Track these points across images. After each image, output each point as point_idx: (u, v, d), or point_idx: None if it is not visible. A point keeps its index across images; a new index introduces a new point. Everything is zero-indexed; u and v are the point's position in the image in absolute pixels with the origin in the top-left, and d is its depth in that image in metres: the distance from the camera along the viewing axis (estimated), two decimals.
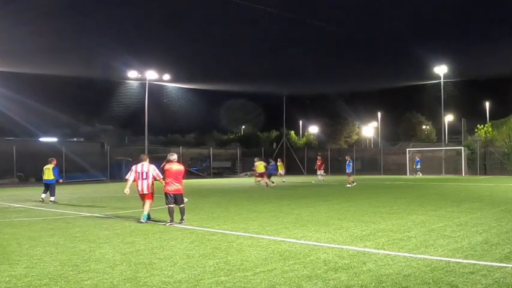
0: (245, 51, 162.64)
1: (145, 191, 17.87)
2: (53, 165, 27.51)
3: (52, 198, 26.60)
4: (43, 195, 27.24)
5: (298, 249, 11.82)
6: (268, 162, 43.99)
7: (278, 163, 48.95)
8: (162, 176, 17.53)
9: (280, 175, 49.19)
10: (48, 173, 27.16)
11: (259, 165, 41.47)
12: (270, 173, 42.68)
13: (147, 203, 17.85)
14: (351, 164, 40.93)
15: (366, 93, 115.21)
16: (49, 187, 27.13)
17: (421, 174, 61.51)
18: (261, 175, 40.89)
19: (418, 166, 61.98)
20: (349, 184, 38.88)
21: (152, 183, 17.99)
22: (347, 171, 40.38)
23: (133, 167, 18.29)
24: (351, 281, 8.80)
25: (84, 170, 55.90)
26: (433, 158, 68.35)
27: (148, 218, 17.64)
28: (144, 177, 17.92)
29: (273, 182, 40.71)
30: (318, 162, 50.85)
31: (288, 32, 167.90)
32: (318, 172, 50.46)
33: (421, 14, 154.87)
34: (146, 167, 18.03)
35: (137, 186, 18.10)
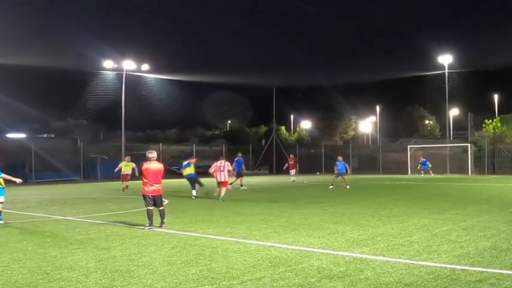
0: (231, 40, 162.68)
1: (223, 180, 28.06)
2: (188, 161, 31.31)
3: (194, 192, 29.82)
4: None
5: (289, 255, 11.84)
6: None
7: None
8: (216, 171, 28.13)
9: None
10: (189, 169, 30.64)
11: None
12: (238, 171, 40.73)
13: (224, 189, 28.02)
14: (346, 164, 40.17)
15: (364, 84, 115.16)
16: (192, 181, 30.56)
17: (423, 173, 61.35)
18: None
19: (429, 165, 61.71)
20: (331, 185, 38.49)
21: (228, 174, 28.52)
22: (343, 171, 39.57)
23: (215, 163, 28.62)
24: None
25: (55, 168, 55.64)
26: (436, 156, 68.42)
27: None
28: (222, 169, 28.08)
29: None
30: (291, 162, 50.51)
31: (278, 18, 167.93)
32: (291, 172, 49.99)
33: None
34: (223, 163, 28.24)
35: (216, 176, 28.19)
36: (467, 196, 28.61)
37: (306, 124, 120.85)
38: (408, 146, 69.69)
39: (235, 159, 40.49)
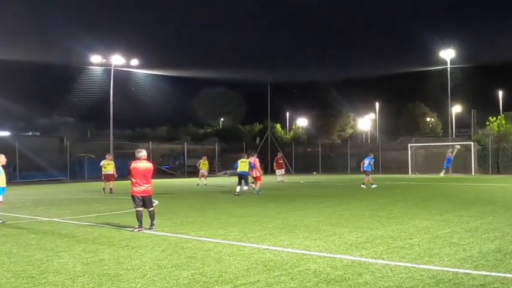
0: (224, 33, 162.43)
1: (256, 175, 33.05)
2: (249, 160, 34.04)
3: (245, 187, 32.68)
4: (238, 188, 32.11)
5: (285, 258, 11.85)
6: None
7: (202, 161, 46.13)
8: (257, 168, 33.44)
9: (203, 176, 45.18)
10: (245, 165, 32.87)
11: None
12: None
13: (258, 183, 32.96)
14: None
15: (362, 80, 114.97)
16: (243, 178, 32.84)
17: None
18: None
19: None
20: (372, 184, 38.17)
21: (258, 170, 33.30)
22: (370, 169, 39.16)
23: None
24: None
25: (40, 168, 55.67)
26: (438, 155, 68.21)
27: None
28: (252, 166, 32.82)
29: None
30: (279, 160, 50.05)
31: (273, 11, 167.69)
32: (278, 172, 49.61)
33: None
34: (253, 159, 33.00)
35: (251, 173, 32.75)
36: (471, 197, 28.66)
37: (302, 122, 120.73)
38: (409, 145, 69.26)
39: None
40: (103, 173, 35.80)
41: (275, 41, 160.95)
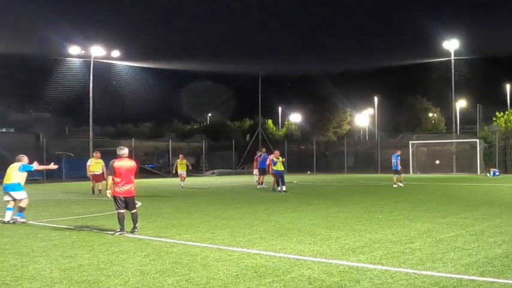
0: (212, 23, 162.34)
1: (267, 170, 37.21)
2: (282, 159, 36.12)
3: (283, 188, 34.37)
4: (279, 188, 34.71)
5: (277, 264, 11.84)
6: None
7: (179, 160, 44.50)
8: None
9: (182, 177, 43.52)
10: (280, 164, 35.22)
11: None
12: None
13: (262, 177, 38.60)
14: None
15: (360, 73, 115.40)
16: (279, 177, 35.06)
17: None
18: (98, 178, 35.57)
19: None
20: (396, 184, 38.82)
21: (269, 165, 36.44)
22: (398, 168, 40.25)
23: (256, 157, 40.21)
24: None
25: None
26: (441, 153, 68.37)
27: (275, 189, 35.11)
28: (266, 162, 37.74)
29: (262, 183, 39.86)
30: (261, 159, 48.68)
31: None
32: (255, 171, 45.12)
33: None
34: (271, 156, 36.08)
35: (268, 170, 36.88)
36: (476, 198, 28.72)
37: (295, 117, 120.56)
38: (410, 142, 69.08)
39: (259, 154, 40.83)
40: (90, 173, 35.17)
41: (266, 30, 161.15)
